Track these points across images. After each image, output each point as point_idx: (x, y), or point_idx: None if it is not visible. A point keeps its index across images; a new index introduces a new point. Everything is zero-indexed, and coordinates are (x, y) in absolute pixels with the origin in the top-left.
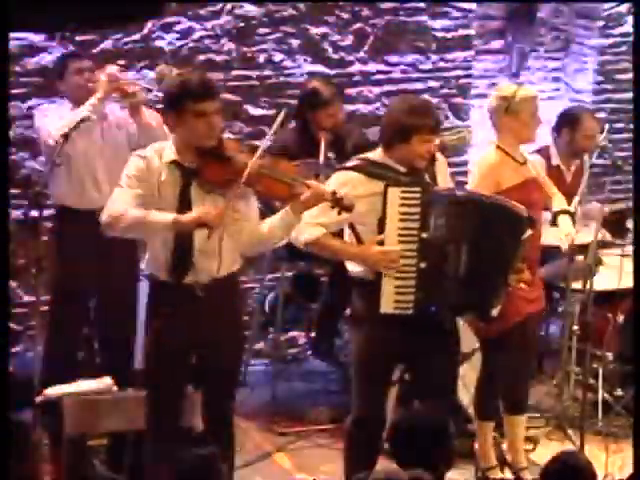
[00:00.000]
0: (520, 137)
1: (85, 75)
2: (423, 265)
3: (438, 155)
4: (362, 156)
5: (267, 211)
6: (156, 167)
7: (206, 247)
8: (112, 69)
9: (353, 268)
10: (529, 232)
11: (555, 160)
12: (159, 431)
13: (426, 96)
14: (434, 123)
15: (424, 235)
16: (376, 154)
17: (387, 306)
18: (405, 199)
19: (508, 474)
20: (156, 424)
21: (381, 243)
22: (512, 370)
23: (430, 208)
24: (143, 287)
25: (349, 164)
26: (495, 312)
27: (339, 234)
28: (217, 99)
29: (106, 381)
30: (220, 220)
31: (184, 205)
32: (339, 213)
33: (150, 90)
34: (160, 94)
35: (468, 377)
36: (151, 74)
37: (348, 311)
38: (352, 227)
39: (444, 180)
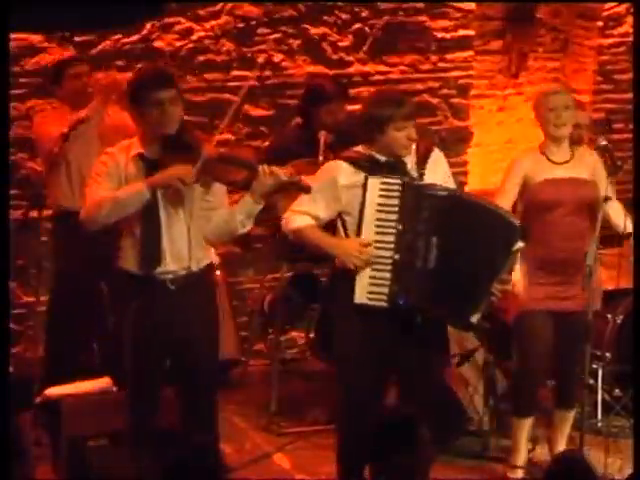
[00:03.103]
0: (547, 132)
1: (82, 80)
2: (397, 257)
3: (436, 152)
4: (351, 149)
5: None
6: (123, 162)
7: (174, 237)
8: (112, 73)
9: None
10: (520, 244)
11: None
12: (135, 430)
13: (426, 96)
14: (406, 110)
15: (400, 227)
16: (360, 148)
17: (361, 296)
18: (384, 190)
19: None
20: (132, 422)
21: (359, 233)
22: (560, 366)
23: (408, 201)
24: None
25: (342, 153)
26: (474, 319)
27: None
28: (172, 88)
29: (106, 381)
30: (190, 176)
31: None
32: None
33: None
34: None
35: (469, 376)
36: None
37: None
38: (341, 218)
39: (436, 177)
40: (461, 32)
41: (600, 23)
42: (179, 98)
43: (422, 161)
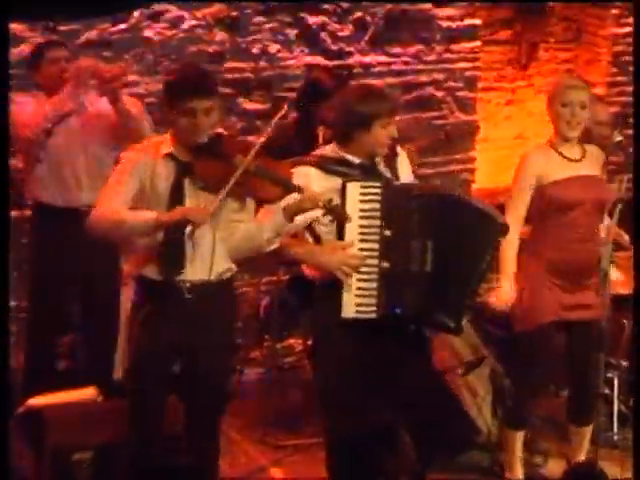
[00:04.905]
0: (558, 130)
1: (60, 65)
2: (386, 265)
3: (399, 149)
4: (315, 153)
5: None
6: (151, 160)
7: (197, 246)
8: (87, 58)
9: (311, 271)
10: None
11: None
12: (139, 438)
13: (430, 89)
14: (392, 105)
15: (386, 233)
16: (328, 149)
17: (348, 310)
18: (365, 195)
19: None
20: (136, 430)
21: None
22: (573, 378)
23: (392, 204)
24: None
25: (307, 158)
26: (464, 322)
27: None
28: (209, 97)
29: (90, 391)
30: (204, 217)
31: (176, 200)
32: (332, 221)
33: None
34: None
35: (476, 387)
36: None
37: None
38: (311, 229)
39: (407, 176)
40: (468, 21)
41: (615, 11)
42: (216, 107)
43: (391, 160)
